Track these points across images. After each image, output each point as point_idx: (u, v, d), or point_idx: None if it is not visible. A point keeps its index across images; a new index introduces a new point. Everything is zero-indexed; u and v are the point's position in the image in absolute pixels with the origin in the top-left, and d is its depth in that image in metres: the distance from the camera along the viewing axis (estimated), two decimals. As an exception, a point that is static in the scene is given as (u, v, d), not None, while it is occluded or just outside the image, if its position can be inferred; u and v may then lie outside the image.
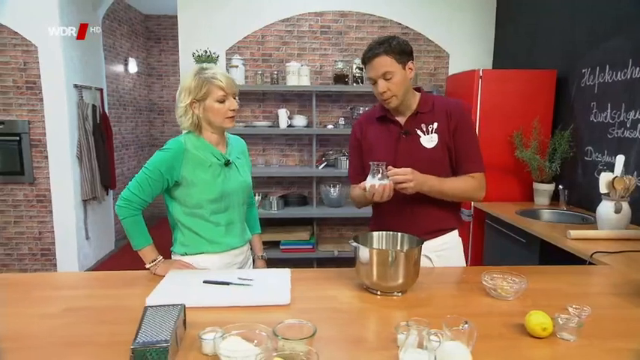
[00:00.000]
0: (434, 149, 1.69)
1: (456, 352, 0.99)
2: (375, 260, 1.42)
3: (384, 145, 1.77)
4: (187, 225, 1.66)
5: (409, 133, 1.72)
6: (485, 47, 4.11)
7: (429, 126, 1.71)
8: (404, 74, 1.64)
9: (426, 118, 1.71)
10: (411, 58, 1.66)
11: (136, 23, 6.01)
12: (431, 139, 1.70)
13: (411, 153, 1.70)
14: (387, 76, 1.62)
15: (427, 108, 1.72)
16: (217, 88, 1.60)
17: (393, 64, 1.62)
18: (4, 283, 1.58)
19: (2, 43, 3.90)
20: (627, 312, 1.33)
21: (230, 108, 1.64)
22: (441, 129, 1.70)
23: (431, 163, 1.67)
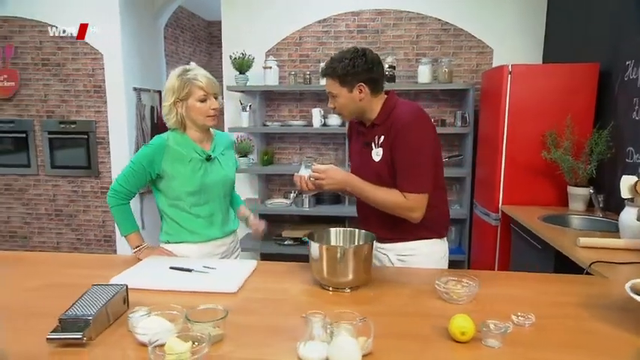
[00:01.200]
0: (378, 163, 1.69)
1: (345, 347, 1.00)
2: (325, 256, 1.45)
3: (354, 153, 1.88)
4: (170, 215, 1.80)
5: (367, 144, 1.75)
6: (534, 41, 3.83)
7: (379, 139, 1.69)
8: (349, 96, 1.65)
9: (379, 130, 1.70)
10: (361, 80, 1.61)
11: (199, 29, 6.43)
12: (377, 152, 1.70)
13: (364, 164, 1.74)
14: (332, 96, 1.69)
15: (381, 120, 1.69)
16: (198, 88, 1.72)
17: (335, 86, 1.65)
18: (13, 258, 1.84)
19: (75, 52, 4.41)
20: (577, 324, 1.23)
21: (211, 107, 1.75)
22: (385, 143, 1.67)
23: (377, 177, 1.67)
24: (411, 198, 1.61)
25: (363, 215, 1.85)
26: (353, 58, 1.61)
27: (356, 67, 1.60)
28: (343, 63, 1.61)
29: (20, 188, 4.68)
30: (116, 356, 1.07)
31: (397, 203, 1.62)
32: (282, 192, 4.28)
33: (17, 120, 4.56)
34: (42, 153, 4.57)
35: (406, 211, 1.63)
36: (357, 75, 1.61)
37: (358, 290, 1.47)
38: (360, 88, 1.63)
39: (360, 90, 1.63)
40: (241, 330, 1.19)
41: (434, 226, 1.77)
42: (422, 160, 1.63)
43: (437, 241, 1.80)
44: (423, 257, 1.76)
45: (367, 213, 1.78)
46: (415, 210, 1.62)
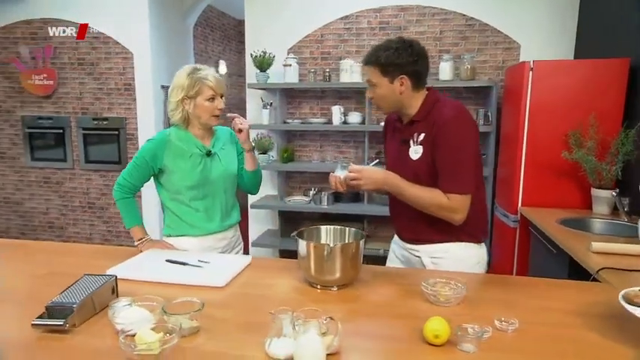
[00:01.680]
0: (417, 162, 1.62)
1: (310, 345, 1.00)
2: (312, 254, 1.45)
3: (390, 150, 1.83)
4: (171, 209, 1.86)
5: (404, 141, 1.68)
6: (565, 36, 3.66)
7: (418, 136, 1.63)
8: (390, 88, 1.59)
9: (419, 127, 1.63)
10: (404, 72, 1.56)
11: (229, 28, 6.55)
12: (416, 150, 1.63)
13: (402, 161, 1.67)
14: (371, 85, 1.63)
15: (422, 116, 1.63)
16: (208, 87, 1.77)
17: (376, 75, 1.59)
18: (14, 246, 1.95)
19: (107, 51, 4.60)
20: (564, 332, 1.17)
21: (217, 107, 1.79)
22: (425, 141, 1.60)
23: (415, 175, 1.60)
24: (454, 199, 1.55)
25: (395, 214, 1.80)
26: (398, 48, 1.56)
27: (400, 58, 1.55)
28: (388, 52, 1.56)
29: (57, 181, 4.94)
30: (96, 344, 1.11)
31: (440, 204, 1.55)
32: (303, 189, 4.30)
33: (55, 116, 4.81)
34: (77, 148, 4.80)
35: (448, 212, 1.57)
36: (401, 66, 1.56)
37: (346, 288, 1.47)
38: (401, 81, 1.58)
39: (402, 82, 1.58)
40: (219, 324, 1.21)
41: (470, 229, 1.67)
42: (465, 159, 1.56)
43: (472, 245, 1.71)
44: (456, 261, 1.67)
45: (400, 212, 1.74)
46: (458, 211, 1.56)
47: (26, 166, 4.97)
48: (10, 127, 4.95)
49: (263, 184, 4.22)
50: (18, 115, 4.90)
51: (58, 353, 1.07)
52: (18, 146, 4.95)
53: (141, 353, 1.02)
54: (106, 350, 1.07)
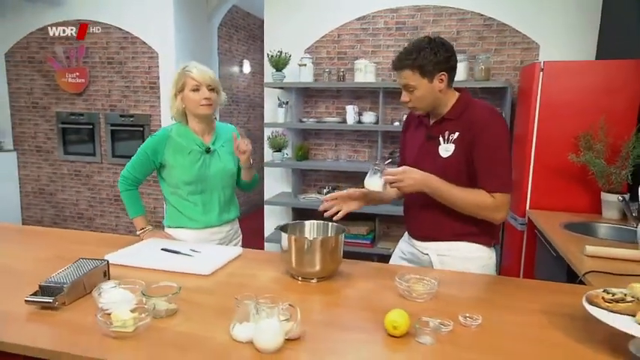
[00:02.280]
0: (447, 159, 1.64)
1: (268, 329, 1.06)
2: (293, 247, 1.51)
3: (411, 146, 1.84)
4: (171, 202, 1.96)
5: (432, 137, 1.70)
6: (587, 37, 3.56)
7: (451, 135, 1.65)
8: (429, 87, 1.60)
9: (450, 126, 1.66)
10: (443, 69, 1.59)
11: (255, 28, 6.68)
12: (447, 148, 1.65)
13: (428, 158, 1.69)
14: (409, 89, 1.62)
15: (455, 115, 1.65)
16: (191, 79, 1.86)
17: (415, 78, 1.59)
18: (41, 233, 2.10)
19: (135, 51, 4.81)
20: (528, 331, 1.19)
21: (203, 97, 1.87)
22: (460, 140, 1.63)
23: (443, 171, 1.62)
24: (498, 197, 1.56)
25: (410, 212, 1.83)
26: (433, 47, 1.57)
27: (438, 56, 1.57)
28: (424, 52, 1.56)
29: (87, 174, 5.20)
30: (80, 320, 1.21)
31: (484, 203, 1.57)
32: (317, 187, 4.36)
33: (86, 113, 5.06)
34: (105, 143, 5.04)
35: (492, 211, 1.59)
36: (439, 64, 1.57)
37: (325, 281, 1.52)
38: (441, 78, 1.59)
39: (441, 79, 1.60)
40: (196, 308, 1.29)
41: (482, 232, 1.68)
42: (506, 158, 1.60)
43: (482, 248, 1.71)
44: (464, 261, 1.68)
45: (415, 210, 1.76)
46: (501, 210, 1.58)
47: (59, 160, 5.26)
48: (45, 123, 5.25)
49: (278, 181, 4.38)
50: (53, 111, 5.19)
51: (45, 327, 1.18)
52: (52, 140, 5.25)
53: (116, 330, 1.11)
54: (89, 327, 1.17)
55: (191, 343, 1.11)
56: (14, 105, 5.33)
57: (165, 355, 1.05)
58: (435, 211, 1.66)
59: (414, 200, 1.71)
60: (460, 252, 1.70)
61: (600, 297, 1.11)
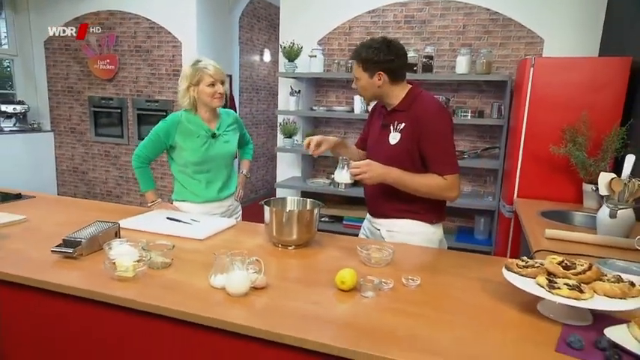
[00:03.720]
0: (394, 147, 1.87)
1: (236, 277, 1.32)
2: (274, 218, 1.76)
3: (372, 132, 2.07)
4: (178, 179, 2.24)
5: (385, 126, 1.93)
6: (591, 32, 3.63)
7: (399, 124, 1.88)
8: (369, 81, 1.83)
9: (399, 117, 1.88)
10: (382, 69, 1.78)
11: (275, 18, 6.90)
12: (394, 137, 1.88)
13: (381, 145, 1.93)
14: (355, 79, 1.89)
15: (404, 107, 1.87)
16: (208, 75, 2.12)
17: (359, 71, 1.84)
18: (73, 203, 2.42)
19: (160, 40, 5.13)
20: (456, 292, 1.41)
21: (217, 91, 2.14)
22: (405, 131, 1.84)
23: (389, 159, 1.84)
24: (449, 178, 1.79)
25: (367, 194, 2.06)
26: (377, 48, 1.77)
27: (378, 56, 1.77)
28: (369, 50, 1.78)
29: (115, 155, 5.60)
30: (92, 267, 1.50)
31: (439, 185, 1.79)
32: (326, 173, 4.60)
33: (115, 98, 5.44)
34: (132, 126, 5.41)
35: (446, 191, 1.81)
36: (379, 63, 1.78)
37: (302, 248, 1.77)
38: (379, 76, 1.80)
39: (380, 77, 1.81)
40: (186, 263, 1.57)
41: (423, 211, 1.91)
42: (451, 144, 1.85)
43: (424, 225, 1.93)
44: (408, 235, 1.91)
45: (370, 192, 2.00)
46: (453, 189, 1.81)
47: (91, 141, 5.68)
48: (79, 106, 5.67)
49: (289, 166, 4.64)
50: (86, 95, 5.59)
51: (65, 271, 1.47)
52: (85, 123, 5.67)
53: (119, 274, 1.39)
54: (99, 273, 1.45)
55: (177, 287, 1.38)
56: (51, 89, 5.76)
57: (155, 294, 1.33)
58: (384, 192, 1.88)
59: (369, 188, 1.95)
60: (404, 228, 1.93)
61: (515, 264, 1.32)
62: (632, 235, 1.97)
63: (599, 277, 1.22)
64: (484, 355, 1.07)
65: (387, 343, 1.09)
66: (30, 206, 2.25)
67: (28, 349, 1.52)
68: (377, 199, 1.98)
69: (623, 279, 1.21)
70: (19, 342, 1.53)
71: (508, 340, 1.14)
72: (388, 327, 1.18)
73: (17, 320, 1.52)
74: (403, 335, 1.14)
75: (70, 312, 1.42)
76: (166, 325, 1.28)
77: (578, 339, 1.08)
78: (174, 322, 1.26)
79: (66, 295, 1.39)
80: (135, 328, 1.35)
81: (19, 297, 1.48)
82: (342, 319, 1.23)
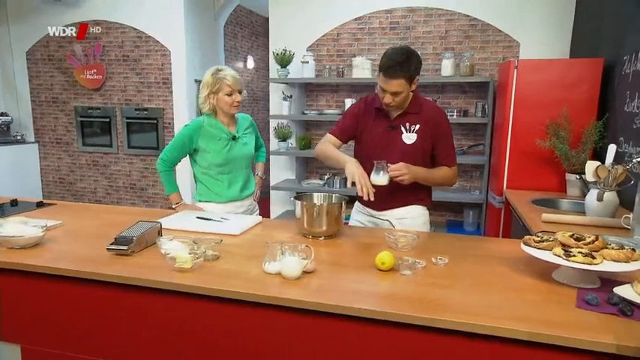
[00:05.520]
0: (411, 146, 2.07)
1: (290, 262, 1.47)
2: (305, 212, 1.92)
3: (372, 133, 2.18)
4: (202, 180, 2.36)
5: (394, 127, 2.10)
6: (561, 35, 3.96)
7: (412, 126, 2.08)
8: (408, 90, 1.97)
9: (411, 119, 2.07)
10: (418, 74, 1.94)
11: (257, 25, 7.04)
12: (410, 137, 2.08)
13: (393, 144, 2.09)
14: (396, 94, 1.93)
15: (415, 110, 2.07)
16: (226, 85, 2.25)
17: (404, 86, 1.91)
18: (96, 209, 2.50)
19: (148, 49, 5.18)
20: (480, 267, 1.60)
21: (235, 100, 2.27)
22: (421, 132, 2.07)
23: (404, 155, 2.03)
24: (453, 169, 2.14)
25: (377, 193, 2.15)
26: (414, 59, 1.89)
27: (417, 65, 1.92)
28: (411, 64, 1.88)
29: (104, 164, 5.59)
30: (148, 262, 1.62)
31: (448, 176, 2.12)
32: (318, 174, 4.77)
33: (103, 107, 5.44)
34: (121, 135, 5.42)
35: (452, 179, 2.16)
36: (416, 72, 1.94)
37: (331, 239, 1.93)
38: (415, 81, 1.95)
39: (415, 82, 1.96)
40: (233, 255, 1.70)
41: (425, 197, 2.21)
42: (452, 140, 2.17)
43: (424, 209, 2.23)
44: (413, 219, 2.17)
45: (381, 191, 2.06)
46: (456, 176, 2.20)
47: (78, 151, 5.65)
48: (65, 116, 5.63)
49: (283, 168, 4.77)
50: (72, 105, 5.57)
51: (126, 266, 1.58)
52: (71, 133, 5.64)
53: (179, 266, 1.52)
54: (156, 266, 1.57)
55: (233, 275, 1.51)
56: (35, 100, 5.70)
57: (216, 281, 1.46)
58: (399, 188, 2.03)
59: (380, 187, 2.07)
60: (410, 213, 2.18)
61: (532, 239, 1.52)
62: (617, 215, 2.23)
63: (605, 245, 1.44)
64: (520, 313, 1.25)
65: (434, 310, 1.27)
66: (57, 213, 2.32)
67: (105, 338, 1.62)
68: (387, 195, 2.11)
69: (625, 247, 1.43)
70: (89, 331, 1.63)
71: (535, 302, 1.33)
72: (429, 297, 1.35)
73: (80, 313, 1.62)
74: (445, 303, 1.31)
75: (135, 302, 1.53)
76: (227, 307, 1.42)
77: (594, 297, 1.28)
78: (234, 304, 1.41)
79: (125, 286, 1.50)
80: (197, 312, 1.48)
81: (77, 291, 1.59)
82: (389, 293, 1.40)
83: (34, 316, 1.68)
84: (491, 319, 1.22)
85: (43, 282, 1.61)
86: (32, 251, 1.72)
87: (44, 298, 1.65)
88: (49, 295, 1.64)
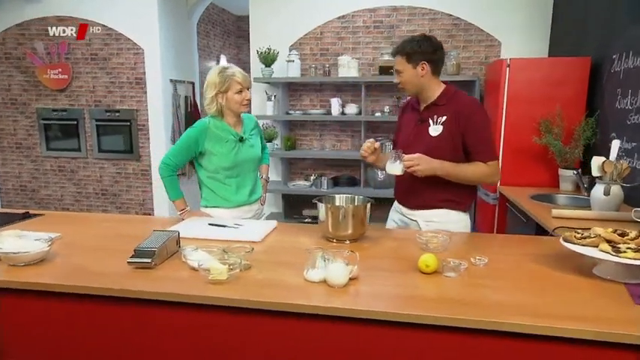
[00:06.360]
0: (436, 138, 2.01)
1: (337, 269, 1.40)
2: (330, 214, 1.84)
3: (405, 129, 2.18)
4: (208, 185, 2.23)
5: (423, 120, 2.07)
6: (540, 34, 4.07)
7: (439, 118, 2.02)
8: (413, 72, 1.96)
9: (439, 111, 2.02)
10: (425, 59, 1.93)
11: (229, 24, 6.87)
12: (436, 129, 2.02)
13: (420, 138, 2.05)
14: (398, 72, 2.00)
15: (443, 102, 2.02)
16: (236, 83, 2.13)
17: (402, 63, 1.97)
18: (90, 218, 2.31)
19: (120, 47, 4.91)
20: (519, 265, 1.59)
21: (245, 98, 2.16)
22: (448, 123, 1.99)
23: (429, 149, 1.97)
24: (492, 164, 1.98)
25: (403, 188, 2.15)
26: (420, 40, 1.94)
27: (422, 48, 1.93)
28: (412, 43, 1.94)
29: (72, 170, 5.26)
30: (176, 275, 1.49)
31: (483, 172, 1.97)
32: (304, 175, 4.69)
33: (69, 109, 5.11)
34: (90, 138, 5.11)
35: (490, 177, 2.00)
36: (422, 54, 1.93)
37: (356, 242, 1.86)
38: (422, 66, 1.94)
39: (423, 67, 1.95)
40: (263, 263, 1.60)
41: (458, 199, 2.07)
42: (491, 134, 2.05)
43: (459, 213, 2.09)
44: (446, 224, 2.01)
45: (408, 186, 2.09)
46: (496, 174, 2.02)
47: (41, 156, 5.28)
48: (25, 119, 5.25)
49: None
50: (33, 107, 5.19)
51: (152, 280, 1.45)
52: (33, 137, 5.26)
53: (214, 278, 1.41)
54: (186, 279, 1.45)
55: (273, 285, 1.42)
56: (-9, 102, 5.29)
57: (258, 293, 1.36)
58: (421, 186, 2.02)
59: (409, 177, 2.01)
60: (442, 217, 2.08)
61: (573, 236, 1.52)
62: (622, 210, 2.30)
63: (647, 240, 1.46)
64: (579, 312, 1.24)
65: (492, 312, 1.23)
66: (50, 224, 2.11)
67: None
68: (415, 192, 2.10)
69: (664, 240, 1.45)
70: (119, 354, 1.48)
71: (587, 299, 1.32)
72: (481, 300, 1.31)
73: (102, 333, 1.47)
74: (499, 305, 1.28)
75: (164, 319, 1.41)
76: (268, 320, 1.34)
77: (649, 292, 1.29)
78: (276, 316, 1.32)
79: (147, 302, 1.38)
80: (235, 327, 1.37)
81: (94, 310, 1.44)
82: (439, 296, 1.36)
83: (43, 341, 1.51)
84: (554, 319, 1.19)
85: (54, 301, 1.45)
86: (39, 268, 1.55)
87: (57, 319, 1.49)
88: (62, 316, 1.48)
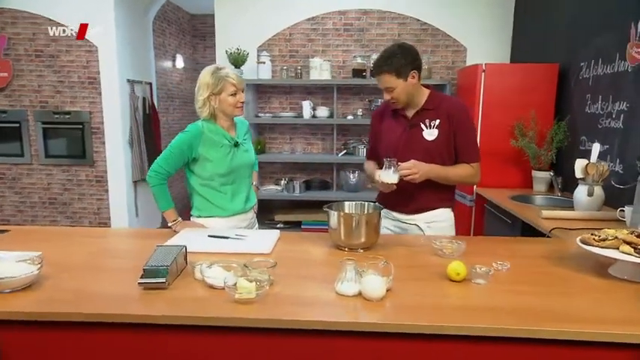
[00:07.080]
0: (433, 142, 2.01)
1: (373, 281, 1.33)
2: (342, 222, 1.77)
3: (390, 135, 2.13)
4: (201, 193, 2.08)
5: (414, 125, 2.04)
6: (503, 41, 4.25)
7: (432, 122, 2.02)
8: (405, 85, 1.94)
9: (430, 115, 2.02)
10: (413, 68, 1.92)
11: (184, 22, 6.58)
12: (431, 133, 2.02)
13: (413, 143, 2.03)
14: (390, 90, 1.96)
15: (432, 106, 2.02)
16: (230, 84, 2.00)
17: (393, 80, 1.92)
18: (64, 232, 2.07)
19: (69, 44, 4.54)
20: (540, 269, 1.61)
21: (239, 100, 2.04)
22: (442, 126, 2.01)
23: (428, 153, 1.99)
24: (475, 166, 2.04)
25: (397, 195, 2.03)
26: (401, 52, 1.91)
27: (407, 59, 1.91)
28: (396, 58, 1.89)
29: (13, 177, 4.78)
30: (192, 295, 1.36)
31: (468, 173, 2.02)
32: (274, 179, 4.57)
33: (10, 110, 4.65)
34: (35, 142, 4.68)
35: (475, 177, 2.07)
36: (409, 65, 1.91)
37: (369, 250, 1.80)
38: (412, 75, 1.93)
39: (413, 76, 1.93)
40: (283, 278, 1.49)
41: (449, 197, 2.15)
42: (476, 136, 2.13)
43: (449, 211, 2.16)
44: (441, 223, 2.11)
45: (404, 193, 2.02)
46: (478, 174, 2.08)
47: (-23, 162, 4.76)
48: (-43, 121, 4.70)
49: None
50: (-34, 108, 4.67)
51: (168, 302, 1.30)
52: (-33, 141, 4.72)
53: (242, 297, 1.29)
54: (207, 299, 1.32)
55: (306, 302, 1.33)
56: None
57: (293, 311, 1.26)
58: (415, 190, 2.02)
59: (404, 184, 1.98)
60: (440, 216, 2.12)
61: (591, 238, 1.56)
62: (604, 209, 2.42)
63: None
64: (613, 315, 1.25)
65: (533, 320, 1.22)
66: (22, 241, 1.87)
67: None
68: (411, 196, 2.08)
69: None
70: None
71: (618, 301, 1.35)
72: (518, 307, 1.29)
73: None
74: (537, 311, 1.27)
75: (183, 344, 1.27)
76: (303, 340, 1.25)
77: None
78: (313, 335, 1.23)
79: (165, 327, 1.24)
80: (265, 349, 1.27)
81: (101, 339, 1.27)
82: (479, 305, 1.33)
83: (37, 378, 1.32)
84: (596, 324, 1.20)
85: (53, 332, 1.27)
86: (29, 294, 1.34)
87: (60, 354, 1.30)
88: (66, 349, 1.30)
